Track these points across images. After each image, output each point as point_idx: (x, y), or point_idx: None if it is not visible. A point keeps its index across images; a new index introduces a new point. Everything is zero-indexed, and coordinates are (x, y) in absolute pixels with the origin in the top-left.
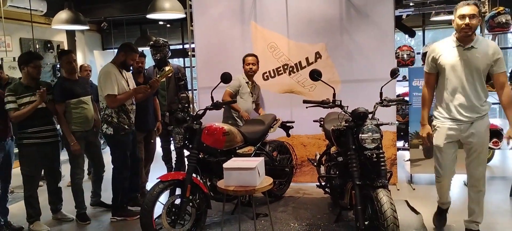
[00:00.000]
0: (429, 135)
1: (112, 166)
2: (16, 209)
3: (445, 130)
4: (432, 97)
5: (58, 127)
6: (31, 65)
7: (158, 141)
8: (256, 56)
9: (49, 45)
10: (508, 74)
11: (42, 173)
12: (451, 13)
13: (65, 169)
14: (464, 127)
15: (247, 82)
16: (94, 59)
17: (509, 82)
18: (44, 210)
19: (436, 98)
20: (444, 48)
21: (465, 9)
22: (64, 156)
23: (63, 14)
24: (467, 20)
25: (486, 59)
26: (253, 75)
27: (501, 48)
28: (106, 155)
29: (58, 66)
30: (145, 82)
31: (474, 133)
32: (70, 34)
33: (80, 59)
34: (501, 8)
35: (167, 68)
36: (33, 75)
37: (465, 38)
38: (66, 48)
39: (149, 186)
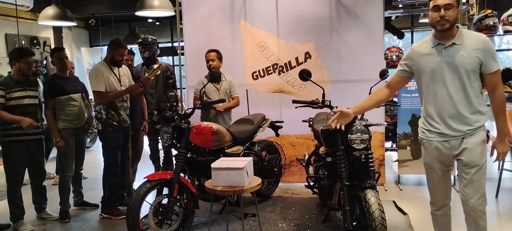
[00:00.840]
0: (342, 113)
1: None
2: (0, 207)
3: (432, 147)
4: (383, 98)
5: (45, 123)
6: (22, 61)
7: (145, 139)
8: (217, 52)
9: (35, 41)
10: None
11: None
12: None
13: (50, 167)
14: (454, 143)
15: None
16: (82, 56)
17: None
18: (28, 209)
19: (422, 109)
20: (422, 49)
21: None
22: (52, 153)
23: (50, 10)
24: (442, 12)
25: (474, 56)
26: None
27: None
28: (91, 154)
29: (44, 62)
30: (134, 80)
31: (466, 149)
32: (57, 31)
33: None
34: (489, 10)
35: (155, 65)
36: (24, 71)
37: (444, 34)
38: (53, 44)
39: (136, 185)
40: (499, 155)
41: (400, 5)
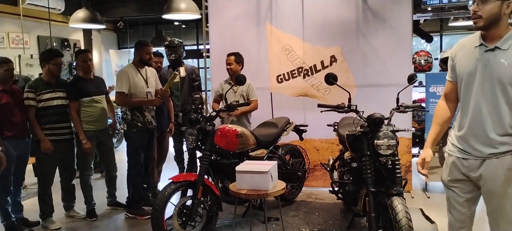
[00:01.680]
0: (424, 162)
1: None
2: (29, 204)
3: (449, 162)
4: (448, 114)
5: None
6: (52, 63)
7: (170, 141)
8: (235, 55)
9: (66, 43)
10: None
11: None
12: (470, 18)
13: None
14: (472, 164)
15: (229, 83)
16: (110, 58)
17: None
18: (57, 207)
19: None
20: (465, 48)
21: None
22: None
23: (81, 13)
24: (474, 6)
25: None
26: (234, 75)
27: None
28: (119, 154)
29: (74, 64)
30: (161, 83)
31: (484, 177)
32: (87, 33)
33: (96, 58)
34: None
35: (173, 74)
36: (53, 73)
37: (486, 34)
38: (82, 46)
39: (161, 186)
40: None
41: (429, 8)
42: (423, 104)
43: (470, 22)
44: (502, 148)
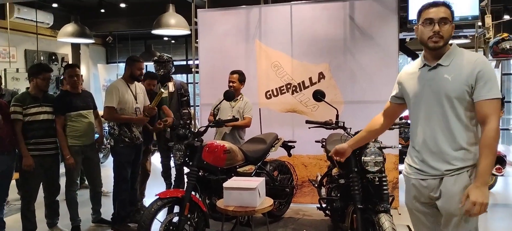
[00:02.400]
0: (336, 151)
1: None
2: (12, 221)
3: (410, 185)
4: (378, 126)
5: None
6: (40, 77)
7: (158, 156)
8: (239, 74)
9: (53, 57)
10: None
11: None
12: (455, 37)
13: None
14: (431, 184)
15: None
16: (98, 73)
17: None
18: (41, 223)
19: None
20: (409, 72)
21: (432, 11)
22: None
23: (69, 27)
24: (436, 27)
25: (461, 81)
26: (236, 93)
27: (504, 74)
28: (104, 170)
29: (61, 78)
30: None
31: (442, 195)
32: (75, 47)
33: (84, 72)
34: (505, 34)
35: (160, 92)
36: (41, 87)
37: (434, 53)
38: (70, 60)
39: (147, 202)
40: (473, 205)
41: (415, 27)
42: (409, 122)
43: (455, 41)
44: (457, 163)
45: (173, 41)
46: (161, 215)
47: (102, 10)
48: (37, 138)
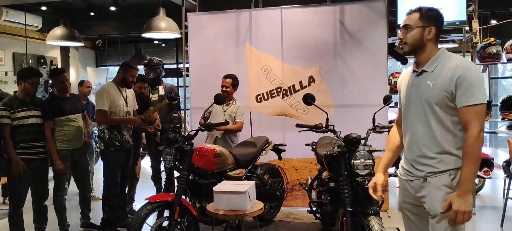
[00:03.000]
0: (376, 186)
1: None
2: None
3: (402, 186)
4: (398, 139)
5: None
6: (29, 81)
7: (148, 160)
8: (233, 78)
9: (42, 60)
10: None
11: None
12: (443, 42)
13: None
14: (417, 184)
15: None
16: (87, 76)
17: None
18: (28, 229)
19: None
20: (405, 76)
21: (404, 19)
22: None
23: (58, 31)
24: (400, 34)
25: (442, 88)
26: (229, 97)
27: (491, 78)
28: (96, 174)
29: (50, 82)
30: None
31: (426, 196)
32: (64, 51)
33: (73, 75)
34: (492, 39)
35: (164, 101)
36: (29, 92)
37: (416, 59)
38: (59, 64)
39: (137, 206)
40: (455, 214)
41: None
42: None
43: (443, 46)
44: (440, 166)
45: (163, 45)
46: (151, 219)
47: (92, 13)
48: (26, 142)
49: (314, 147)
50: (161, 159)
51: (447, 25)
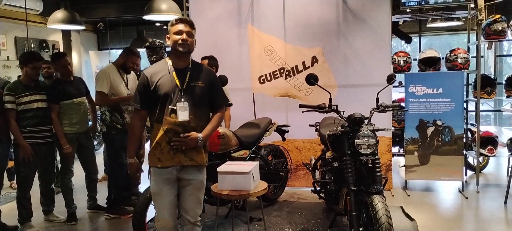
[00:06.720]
0: None
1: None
2: (7, 209)
3: None
4: None
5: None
6: (29, 66)
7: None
8: (209, 58)
9: (44, 44)
10: (505, 82)
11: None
12: (448, 19)
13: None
14: None
15: None
16: (90, 60)
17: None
18: (36, 211)
19: None
20: None
21: None
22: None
23: (59, 14)
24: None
25: None
26: None
27: (497, 56)
28: (98, 157)
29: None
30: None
31: None
32: (66, 34)
33: (75, 59)
34: (498, 15)
35: None
36: (31, 76)
37: None
38: (61, 48)
39: (142, 188)
40: None
41: (408, 10)
42: (403, 104)
43: (448, 23)
44: None
45: (165, 27)
46: None
47: None
48: (32, 126)
49: (317, 127)
50: None
51: (452, 2)
